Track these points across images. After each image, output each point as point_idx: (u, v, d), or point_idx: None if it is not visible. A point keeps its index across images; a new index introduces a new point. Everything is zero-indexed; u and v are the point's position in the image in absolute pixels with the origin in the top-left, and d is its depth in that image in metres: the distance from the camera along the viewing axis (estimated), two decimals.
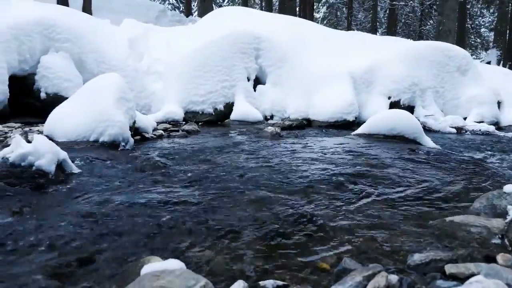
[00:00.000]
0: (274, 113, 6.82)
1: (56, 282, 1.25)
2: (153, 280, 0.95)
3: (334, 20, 29.38)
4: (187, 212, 1.96)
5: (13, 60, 5.95)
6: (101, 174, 2.74)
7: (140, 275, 1.05)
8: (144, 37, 7.97)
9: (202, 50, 6.98)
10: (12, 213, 1.92)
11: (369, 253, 1.58)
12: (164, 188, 2.45)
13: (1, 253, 1.50)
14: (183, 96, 6.60)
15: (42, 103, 6.19)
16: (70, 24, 6.67)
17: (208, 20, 8.44)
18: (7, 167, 2.43)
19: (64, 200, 2.17)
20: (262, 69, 7.14)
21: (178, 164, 3.17)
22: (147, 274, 1.00)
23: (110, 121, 3.70)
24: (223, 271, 1.32)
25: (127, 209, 2.01)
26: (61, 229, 1.73)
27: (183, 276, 0.97)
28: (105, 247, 1.55)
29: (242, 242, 1.59)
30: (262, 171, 2.90)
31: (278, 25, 8.08)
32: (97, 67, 6.65)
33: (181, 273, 0.99)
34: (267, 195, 2.28)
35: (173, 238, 1.63)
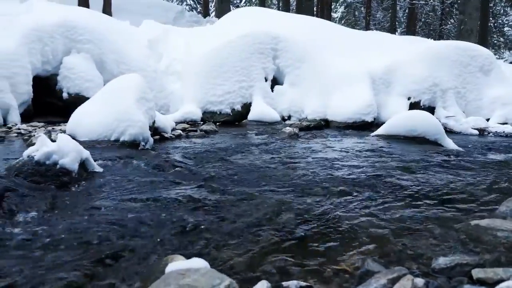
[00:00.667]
0: (291, 114, 6.80)
1: (83, 278, 1.27)
2: (178, 278, 0.95)
3: (352, 19, 29.12)
4: (208, 212, 1.97)
5: (36, 61, 6.11)
6: (123, 173, 2.78)
7: (165, 273, 1.06)
8: (163, 38, 8.07)
9: (220, 51, 7.02)
10: (38, 210, 1.97)
11: (391, 255, 1.56)
12: (184, 187, 2.47)
13: (29, 249, 1.54)
14: (201, 96, 6.65)
15: (64, 103, 6.33)
16: (91, 25, 6.81)
17: (226, 21, 8.48)
18: (33, 165, 2.49)
19: (88, 199, 2.21)
20: (280, 69, 7.14)
21: (197, 163, 3.20)
22: (172, 272, 1.01)
23: (131, 121, 3.76)
24: (246, 271, 1.32)
25: (149, 208, 2.03)
26: (85, 226, 1.77)
27: (208, 275, 0.98)
28: (129, 245, 1.57)
29: (263, 242, 1.59)
30: (281, 172, 2.89)
31: (296, 25, 8.06)
32: (117, 68, 6.77)
33: (206, 272, 1.00)
34: (286, 195, 2.28)
35: (195, 237, 1.64)
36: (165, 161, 3.22)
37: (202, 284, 0.93)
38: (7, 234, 1.68)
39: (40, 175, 2.45)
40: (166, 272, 1.06)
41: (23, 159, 2.55)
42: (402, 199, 2.31)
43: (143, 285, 1.22)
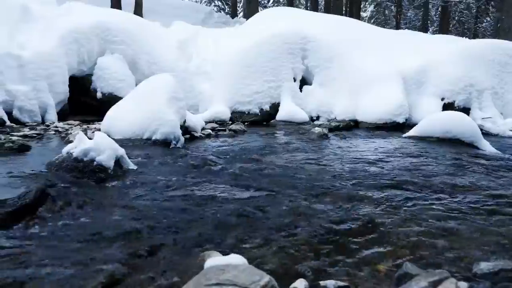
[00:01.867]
0: (320, 114, 6.75)
1: (123, 270, 1.31)
2: (218, 273, 0.97)
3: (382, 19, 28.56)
4: (241, 209, 1.98)
5: (73, 62, 6.33)
6: (156, 171, 2.84)
7: (204, 268, 1.07)
8: (193, 39, 8.18)
9: (249, 51, 7.04)
10: (78, 205, 2.05)
11: (429, 258, 1.53)
12: (216, 185, 2.50)
13: (71, 241, 1.60)
14: (230, 96, 6.70)
15: (98, 102, 6.53)
16: (124, 27, 6.99)
17: (255, 21, 8.51)
18: (71, 161, 2.58)
19: (124, 195, 2.27)
20: (309, 69, 7.09)
21: (227, 162, 3.23)
22: (212, 267, 1.02)
23: (163, 120, 3.83)
24: (282, 269, 1.32)
25: (183, 205, 2.07)
26: (123, 221, 1.82)
27: (247, 271, 0.99)
28: (165, 240, 1.60)
29: (298, 241, 1.59)
30: (312, 172, 2.88)
31: (325, 25, 7.98)
32: (148, 68, 6.92)
33: (245, 268, 1.01)
34: (318, 196, 2.26)
35: (229, 234, 1.66)
36: (197, 159, 3.26)
37: (242, 280, 0.94)
38: (50, 227, 1.76)
39: (78, 171, 2.54)
40: (205, 267, 1.08)
41: (63, 156, 2.65)
42: (437, 202, 2.25)
43: (181, 280, 1.24)
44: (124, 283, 1.24)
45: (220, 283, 0.92)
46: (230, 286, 0.92)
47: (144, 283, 1.24)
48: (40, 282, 1.24)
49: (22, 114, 5.48)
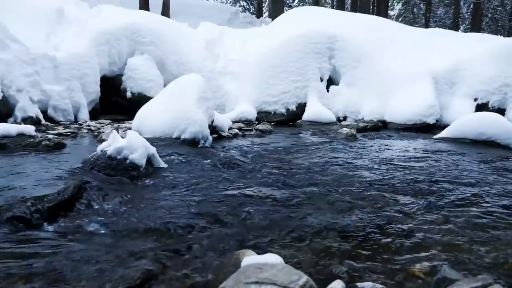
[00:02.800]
0: (347, 114, 6.67)
1: (158, 267, 1.34)
2: (257, 272, 0.98)
3: (410, 17, 27.92)
4: (273, 209, 1.99)
5: (104, 62, 6.51)
6: (186, 169, 2.88)
7: (242, 267, 1.08)
8: (219, 39, 8.25)
9: (276, 51, 7.04)
10: (112, 201, 2.10)
11: (467, 263, 1.48)
12: (245, 184, 2.51)
13: (107, 237, 1.64)
14: (256, 96, 6.71)
15: (127, 102, 6.69)
16: (153, 28, 7.13)
17: (281, 21, 8.49)
18: (105, 159, 2.66)
19: (156, 192, 2.32)
20: (336, 69, 7.02)
21: (256, 162, 3.24)
22: (249, 266, 1.03)
23: (191, 120, 3.88)
24: (317, 269, 1.32)
25: (215, 203, 2.09)
26: (156, 218, 1.86)
27: (285, 270, 0.99)
28: (199, 238, 1.63)
29: (331, 241, 1.58)
30: (341, 173, 2.85)
31: (352, 24, 7.88)
32: (176, 68, 7.03)
33: (282, 267, 1.01)
34: (350, 197, 2.24)
35: (262, 233, 1.67)
36: (225, 159, 3.29)
37: (281, 279, 0.94)
38: (87, 221, 1.82)
39: (111, 169, 2.61)
40: (242, 265, 1.09)
41: (97, 154, 2.73)
42: (473, 205, 2.18)
43: (216, 277, 1.26)
44: (160, 278, 1.26)
45: (259, 281, 0.93)
46: (269, 285, 0.92)
47: (180, 280, 1.26)
48: (79, 274, 1.28)
49: (56, 113, 5.67)
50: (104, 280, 1.21)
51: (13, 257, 1.39)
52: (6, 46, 5.37)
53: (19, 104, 5.23)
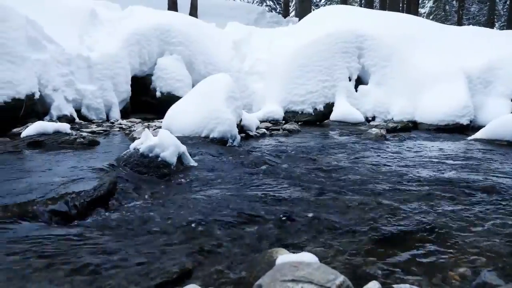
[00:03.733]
0: (376, 115, 6.56)
1: (192, 263, 1.36)
2: (293, 270, 0.98)
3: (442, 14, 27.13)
4: (303, 208, 1.98)
5: (135, 63, 6.67)
6: (215, 168, 2.91)
7: (276, 265, 1.09)
8: (247, 39, 8.29)
9: (304, 50, 7.01)
10: (145, 198, 2.15)
11: (507, 269, 1.43)
12: (274, 183, 2.51)
13: (141, 233, 1.68)
14: (283, 96, 6.71)
15: (156, 101, 6.84)
16: (182, 28, 7.25)
17: (309, 20, 8.44)
18: (138, 157, 2.72)
19: (187, 190, 2.35)
20: (365, 68, 6.91)
21: (284, 161, 3.23)
22: (285, 263, 1.03)
23: (220, 119, 3.92)
24: (352, 269, 1.30)
25: (245, 202, 2.10)
26: (188, 215, 1.88)
27: (322, 269, 0.98)
28: (230, 235, 1.64)
29: (365, 242, 1.56)
30: (370, 174, 2.80)
31: (382, 22, 7.74)
32: (204, 68, 7.12)
33: (318, 266, 1.00)
34: (382, 198, 2.20)
35: (294, 232, 1.67)
36: (254, 158, 3.30)
37: (318, 278, 0.93)
38: (121, 217, 1.87)
39: (144, 166, 2.67)
40: (277, 263, 1.09)
41: (130, 151, 2.80)
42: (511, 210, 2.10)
43: (250, 274, 1.27)
44: (195, 274, 1.28)
45: (296, 279, 0.93)
46: (306, 283, 0.92)
47: (214, 276, 1.28)
48: (118, 267, 1.31)
49: (89, 111, 5.86)
50: (142, 274, 1.25)
51: (53, 250, 1.44)
52: (43, 47, 5.59)
53: (54, 103, 5.44)
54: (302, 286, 0.91)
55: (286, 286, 0.91)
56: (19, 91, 4.80)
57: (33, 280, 1.20)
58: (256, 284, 0.98)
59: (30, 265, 1.30)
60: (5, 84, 4.68)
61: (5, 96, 4.65)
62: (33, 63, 5.18)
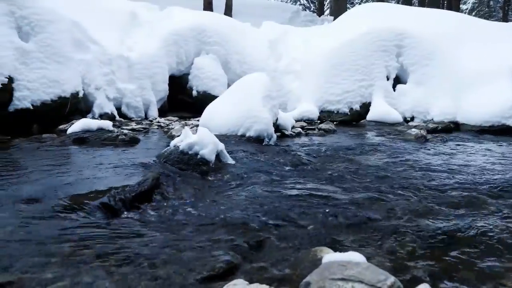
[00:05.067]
0: (415, 115, 6.36)
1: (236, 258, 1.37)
2: (341, 269, 0.97)
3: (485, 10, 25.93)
4: (344, 208, 1.96)
5: (172, 62, 6.82)
6: (253, 166, 2.93)
7: (323, 263, 1.08)
8: (282, 38, 8.27)
9: (340, 49, 6.91)
10: (186, 194, 2.20)
11: None
12: (311, 183, 2.50)
13: (183, 227, 1.72)
14: (319, 95, 6.64)
15: (192, 100, 6.96)
16: (218, 28, 7.33)
17: (346, 18, 8.31)
18: (178, 154, 2.78)
19: (225, 187, 2.38)
20: (404, 67, 6.72)
21: (321, 161, 3.21)
22: (333, 262, 1.02)
23: (257, 118, 3.94)
24: (399, 271, 1.27)
25: (284, 200, 2.10)
26: (229, 212, 1.91)
27: (371, 269, 0.97)
28: (272, 233, 1.65)
29: (409, 244, 1.52)
30: (413, 174, 2.73)
31: (422, 20, 7.49)
32: (240, 68, 7.17)
33: (367, 266, 0.99)
34: (424, 200, 2.14)
35: (335, 232, 1.65)
36: (290, 157, 3.30)
37: (368, 278, 0.92)
38: (164, 212, 1.92)
39: (183, 163, 2.73)
40: (324, 262, 1.08)
41: (170, 148, 2.87)
42: None
43: (293, 272, 1.27)
44: (240, 270, 1.30)
45: (346, 278, 0.92)
46: (356, 282, 0.91)
47: (258, 272, 1.29)
48: (163, 260, 1.35)
49: (129, 110, 6.05)
50: (188, 267, 1.27)
51: (102, 241, 1.50)
52: (87, 47, 5.82)
53: (97, 101, 5.65)
54: (352, 285, 0.90)
55: (336, 285, 0.91)
56: (64, 89, 5.03)
57: (86, 270, 1.25)
58: (304, 282, 0.98)
59: (82, 255, 1.36)
60: (52, 83, 4.92)
61: (52, 94, 4.89)
62: (78, 63, 5.41)
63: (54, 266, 1.26)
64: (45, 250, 1.38)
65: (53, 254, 1.35)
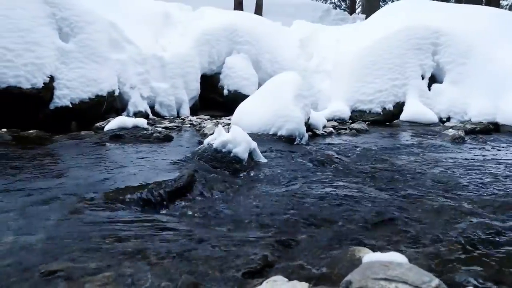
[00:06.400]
0: (451, 115, 6.15)
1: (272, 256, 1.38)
2: (384, 269, 0.95)
3: None
4: (377, 209, 1.92)
5: (204, 62, 6.92)
6: (285, 165, 2.93)
7: (363, 263, 1.07)
8: (313, 37, 8.22)
9: (372, 47, 6.78)
10: (220, 191, 2.23)
11: None
12: (344, 182, 2.47)
13: (218, 224, 1.75)
14: (350, 95, 6.55)
15: (223, 99, 7.04)
16: (250, 28, 7.37)
17: (379, 16, 8.14)
18: (212, 152, 2.81)
19: (259, 185, 2.39)
20: (440, 66, 6.52)
21: (354, 161, 3.16)
22: (374, 262, 1.01)
23: (289, 117, 3.93)
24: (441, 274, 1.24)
25: (318, 200, 2.09)
26: (262, 210, 1.92)
27: (415, 270, 0.95)
28: (307, 232, 1.64)
29: (450, 247, 1.47)
30: (452, 176, 2.64)
31: (459, 17, 7.23)
32: (270, 67, 7.18)
33: (410, 267, 0.97)
34: (465, 202, 2.07)
35: (372, 232, 1.63)
36: (323, 157, 3.26)
37: (412, 279, 0.90)
38: (199, 208, 1.95)
39: (217, 161, 2.76)
40: (364, 261, 1.07)
41: (204, 146, 2.91)
42: None
43: (332, 270, 1.26)
44: (277, 267, 1.30)
45: (389, 278, 0.91)
46: (400, 283, 0.89)
47: (296, 270, 1.29)
48: (201, 255, 1.37)
49: (162, 108, 6.19)
50: (226, 263, 1.29)
51: (142, 234, 1.54)
52: (122, 47, 5.99)
53: (131, 99, 5.81)
54: (396, 286, 0.89)
55: (379, 284, 0.90)
56: (101, 88, 5.21)
57: (127, 262, 1.29)
58: (345, 280, 0.97)
59: (122, 248, 1.41)
60: (90, 82, 5.10)
61: (89, 93, 5.07)
62: (114, 63, 5.59)
63: (97, 257, 1.31)
64: (88, 241, 1.43)
65: (96, 246, 1.40)
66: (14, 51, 4.51)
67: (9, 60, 4.45)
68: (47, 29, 4.94)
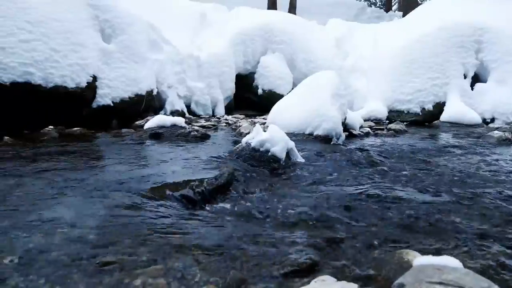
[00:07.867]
0: (496, 116, 5.89)
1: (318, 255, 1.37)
2: (438, 273, 0.93)
3: None
4: (420, 211, 1.87)
5: (239, 61, 6.98)
6: (322, 165, 2.91)
7: (414, 266, 1.05)
8: (348, 36, 8.09)
9: (412, 46, 6.59)
10: (259, 189, 2.24)
11: None
12: (383, 183, 2.42)
13: (259, 222, 1.76)
14: (388, 94, 6.40)
15: (258, 98, 7.06)
16: (284, 27, 7.36)
17: (418, 13, 7.91)
18: (249, 150, 2.84)
19: (297, 185, 2.39)
20: (484, 64, 6.25)
21: (394, 162, 3.09)
22: (427, 266, 0.99)
23: (325, 116, 3.90)
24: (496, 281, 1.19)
25: (358, 200, 2.06)
26: (302, 209, 1.91)
27: (471, 276, 0.92)
28: (349, 232, 1.62)
29: (500, 252, 1.42)
30: (497, 181, 2.53)
31: (505, 13, 6.90)
32: (305, 66, 7.14)
33: (466, 272, 0.94)
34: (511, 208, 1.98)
35: (416, 234, 1.59)
36: (360, 157, 3.22)
37: (469, 284, 0.88)
38: (239, 206, 1.97)
39: (255, 160, 2.78)
40: (415, 265, 1.05)
41: (242, 145, 2.94)
42: None
43: (379, 273, 1.24)
44: (321, 267, 1.30)
45: (444, 282, 0.89)
46: (457, 287, 0.87)
47: (341, 270, 1.28)
48: (245, 254, 1.39)
49: (197, 107, 6.30)
50: (271, 261, 1.30)
51: (185, 230, 1.58)
52: (161, 48, 6.14)
53: (169, 99, 5.95)
54: None
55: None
56: (141, 87, 5.36)
57: (175, 256, 1.33)
58: (397, 283, 0.96)
59: (169, 243, 1.44)
60: (131, 81, 5.27)
61: (129, 92, 5.23)
62: (153, 63, 5.74)
63: (146, 251, 1.35)
64: (137, 235, 1.48)
65: (144, 239, 1.44)
66: (61, 52, 4.71)
67: (56, 60, 4.66)
68: (90, 31, 5.14)
